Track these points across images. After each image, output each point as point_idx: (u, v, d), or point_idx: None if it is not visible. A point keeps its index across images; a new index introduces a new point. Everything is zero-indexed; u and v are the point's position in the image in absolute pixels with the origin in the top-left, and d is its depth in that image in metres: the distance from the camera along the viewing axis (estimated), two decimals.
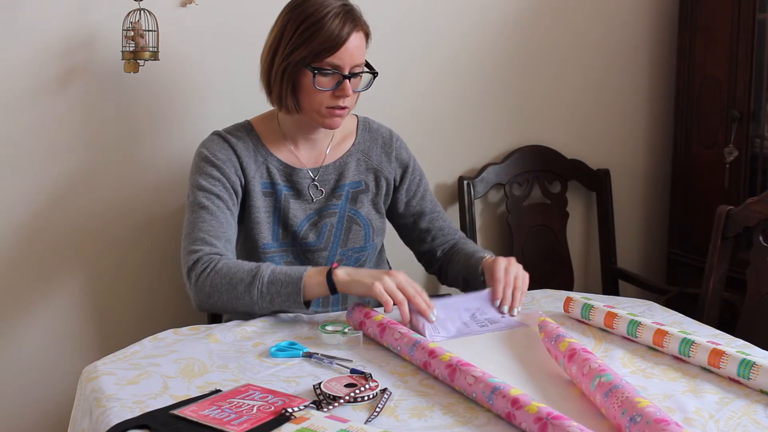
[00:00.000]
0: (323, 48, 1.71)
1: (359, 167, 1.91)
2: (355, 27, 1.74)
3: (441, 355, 1.40)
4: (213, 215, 1.75)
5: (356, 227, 1.90)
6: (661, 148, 2.76)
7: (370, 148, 1.93)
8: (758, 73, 2.38)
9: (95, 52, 2.06)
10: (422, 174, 2.00)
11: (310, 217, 1.86)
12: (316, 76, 1.73)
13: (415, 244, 2.03)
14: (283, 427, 1.20)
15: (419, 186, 1.98)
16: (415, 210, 1.98)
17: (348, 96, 1.75)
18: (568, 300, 1.73)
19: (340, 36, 1.71)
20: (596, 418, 1.25)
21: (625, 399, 1.20)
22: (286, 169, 1.85)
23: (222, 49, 2.17)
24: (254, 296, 1.65)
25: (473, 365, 1.37)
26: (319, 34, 1.71)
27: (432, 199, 2.01)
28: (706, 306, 2.02)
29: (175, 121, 2.17)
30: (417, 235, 2.01)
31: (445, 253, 1.98)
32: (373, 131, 1.95)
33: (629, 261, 2.75)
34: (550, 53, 2.57)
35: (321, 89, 1.74)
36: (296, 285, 1.62)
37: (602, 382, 1.26)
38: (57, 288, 2.13)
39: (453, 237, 2.00)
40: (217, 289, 1.66)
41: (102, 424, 1.26)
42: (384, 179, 1.93)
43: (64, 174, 2.09)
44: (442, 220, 2.01)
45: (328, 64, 1.73)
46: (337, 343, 1.56)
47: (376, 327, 1.56)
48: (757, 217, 1.94)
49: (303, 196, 1.86)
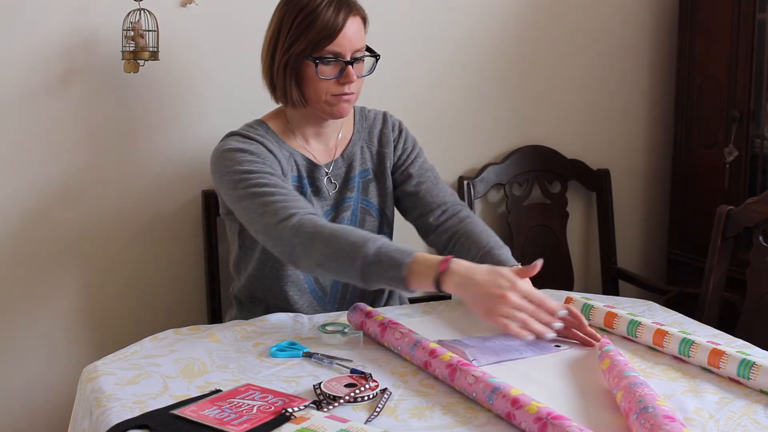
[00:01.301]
0: (322, 37, 1.72)
1: (364, 155, 1.91)
2: (351, 12, 1.74)
3: (441, 355, 1.40)
4: (279, 187, 1.67)
5: (370, 218, 1.90)
6: (661, 148, 2.76)
7: (369, 135, 1.93)
8: (758, 73, 2.38)
9: (95, 52, 2.06)
10: (415, 143, 1.96)
11: (327, 213, 1.85)
12: (318, 65, 1.73)
13: (408, 213, 1.94)
14: (283, 427, 1.20)
15: (411, 152, 1.94)
16: (405, 174, 1.93)
17: (353, 81, 1.75)
18: (568, 300, 1.73)
19: (337, 23, 1.71)
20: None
21: (644, 394, 1.21)
22: (308, 165, 1.84)
23: (222, 49, 2.17)
24: (357, 270, 1.53)
25: (473, 365, 1.37)
26: (316, 24, 1.71)
27: (424, 165, 1.94)
28: (706, 306, 2.02)
29: (175, 121, 2.17)
30: (408, 203, 1.92)
31: (444, 225, 1.86)
32: (369, 118, 1.95)
33: (629, 261, 2.75)
34: (550, 53, 2.57)
35: (324, 78, 1.74)
36: (399, 271, 1.49)
37: (642, 408, 1.21)
38: (57, 288, 2.13)
39: (447, 204, 1.89)
40: (325, 258, 1.57)
41: (102, 424, 1.26)
42: (388, 159, 1.93)
43: (63, 174, 2.09)
44: (431, 183, 1.91)
45: (328, 52, 1.73)
46: (337, 343, 1.56)
47: (376, 327, 1.56)
48: (757, 217, 1.94)
49: (321, 193, 1.85)
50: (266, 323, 1.68)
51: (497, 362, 1.47)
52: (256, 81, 1.85)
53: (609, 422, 1.25)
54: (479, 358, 1.47)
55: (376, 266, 1.52)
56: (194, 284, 2.24)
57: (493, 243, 1.78)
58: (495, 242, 1.79)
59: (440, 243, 1.87)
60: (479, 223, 1.85)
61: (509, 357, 1.50)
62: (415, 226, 1.95)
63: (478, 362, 1.45)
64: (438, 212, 1.88)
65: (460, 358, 1.38)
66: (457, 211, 1.88)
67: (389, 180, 1.93)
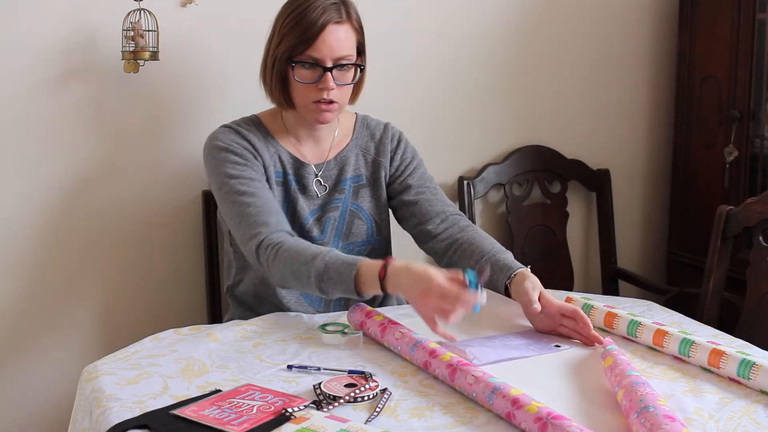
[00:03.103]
0: (300, 40, 1.73)
1: (359, 162, 1.92)
2: (336, 18, 1.74)
3: (441, 355, 1.40)
4: (255, 196, 1.75)
5: (359, 221, 1.90)
6: (661, 148, 2.76)
7: (368, 143, 1.94)
8: (758, 73, 2.38)
9: (95, 52, 2.06)
10: (415, 154, 1.97)
11: (314, 212, 1.87)
12: (295, 68, 1.75)
13: (406, 222, 1.94)
14: (283, 427, 1.20)
15: (410, 163, 1.95)
16: (404, 185, 1.93)
17: (330, 89, 1.75)
18: (568, 300, 1.72)
19: (315, 28, 1.72)
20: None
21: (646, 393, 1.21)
22: (294, 162, 1.86)
23: (222, 49, 2.17)
24: (316, 290, 1.63)
25: (473, 365, 1.37)
26: (298, 26, 1.72)
27: (423, 176, 1.95)
28: (706, 306, 2.02)
29: (175, 121, 2.17)
30: (406, 212, 1.93)
31: (444, 233, 1.87)
32: (371, 127, 1.96)
33: (629, 261, 2.75)
34: (550, 53, 2.57)
35: (301, 82, 1.75)
36: (349, 285, 1.58)
37: (643, 408, 1.22)
38: (57, 288, 2.13)
39: (446, 213, 1.90)
40: (285, 278, 1.67)
41: (102, 424, 1.26)
42: (383, 168, 1.93)
43: (63, 174, 2.09)
44: (431, 193, 1.92)
45: (307, 57, 1.74)
46: (338, 343, 1.56)
47: (376, 327, 1.56)
48: (757, 217, 1.94)
49: (308, 192, 1.86)
50: (266, 323, 1.68)
51: (497, 362, 1.47)
52: (256, 81, 1.85)
53: (609, 422, 1.25)
54: (479, 357, 1.46)
55: (328, 282, 1.60)
56: (194, 284, 2.24)
57: (497, 248, 1.80)
58: (498, 248, 1.80)
59: (439, 250, 1.88)
60: (480, 232, 1.87)
61: (509, 357, 1.50)
62: (412, 234, 1.95)
63: (478, 362, 1.45)
64: (437, 220, 1.89)
65: (460, 358, 1.38)
66: (456, 221, 1.89)
67: (383, 189, 1.94)
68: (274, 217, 1.74)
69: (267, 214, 1.73)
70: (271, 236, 1.70)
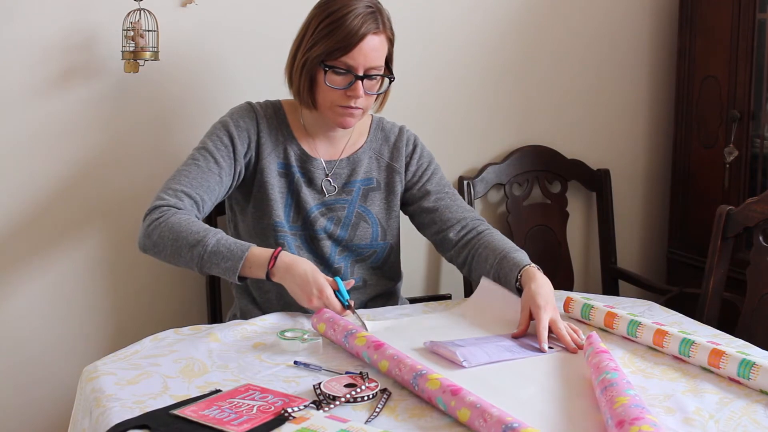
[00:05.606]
0: (338, 47, 1.74)
1: (371, 164, 1.93)
2: (374, 29, 1.75)
3: (379, 362, 1.42)
4: (200, 172, 1.78)
5: (364, 224, 1.90)
6: (661, 148, 2.76)
7: (382, 147, 1.95)
8: (758, 73, 2.38)
9: (95, 52, 2.06)
10: (432, 158, 1.98)
11: (317, 207, 1.87)
12: (328, 73, 1.75)
13: (426, 229, 1.95)
14: (283, 427, 1.20)
15: (427, 168, 1.96)
16: (423, 191, 1.95)
17: (358, 97, 1.77)
18: (568, 300, 1.73)
19: (356, 36, 1.73)
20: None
21: (610, 398, 1.22)
22: (302, 156, 1.87)
23: (222, 49, 2.17)
24: (195, 259, 1.67)
25: (410, 357, 1.39)
26: (337, 33, 1.73)
27: (441, 182, 1.96)
28: (706, 306, 2.03)
29: (175, 121, 2.17)
30: (426, 218, 1.94)
31: (463, 240, 1.88)
32: (386, 130, 1.97)
33: (629, 261, 2.75)
34: (550, 53, 2.57)
35: (332, 87, 1.76)
36: (236, 263, 1.64)
37: (605, 379, 1.27)
38: (57, 288, 2.13)
39: (467, 220, 1.90)
40: (162, 240, 1.69)
41: (102, 424, 1.26)
42: (398, 174, 1.94)
43: (63, 173, 2.09)
44: (450, 199, 1.93)
45: (341, 63, 1.75)
46: (296, 350, 1.53)
47: (337, 333, 1.55)
48: (757, 217, 1.94)
49: (315, 186, 1.87)
50: (266, 323, 1.68)
51: (488, 363, 1.47)
52: (256, 81, 1.85)
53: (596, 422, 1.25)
54: (469, 358, 1.46)
55: (213, 255, 1.65)
56: (194, 284, 2.24)
57: (509, 247, 1.81)
58: (510, 246, 1.81)
59: (460, 258, 1.89)
60: (496, 234, 1.88)
61: (501, 358, 1.49)
62: (433, 242, 1.96)
63: (468, 363, 1.45)
64: (458, 227, 1.90)
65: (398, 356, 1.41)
66: (476, 226, 1.90)
67: (397, 196, 1.94)
68: (190, 200, 1.75)
69: (187, 193, 1.75)
70: (170, 207, 1.72)
